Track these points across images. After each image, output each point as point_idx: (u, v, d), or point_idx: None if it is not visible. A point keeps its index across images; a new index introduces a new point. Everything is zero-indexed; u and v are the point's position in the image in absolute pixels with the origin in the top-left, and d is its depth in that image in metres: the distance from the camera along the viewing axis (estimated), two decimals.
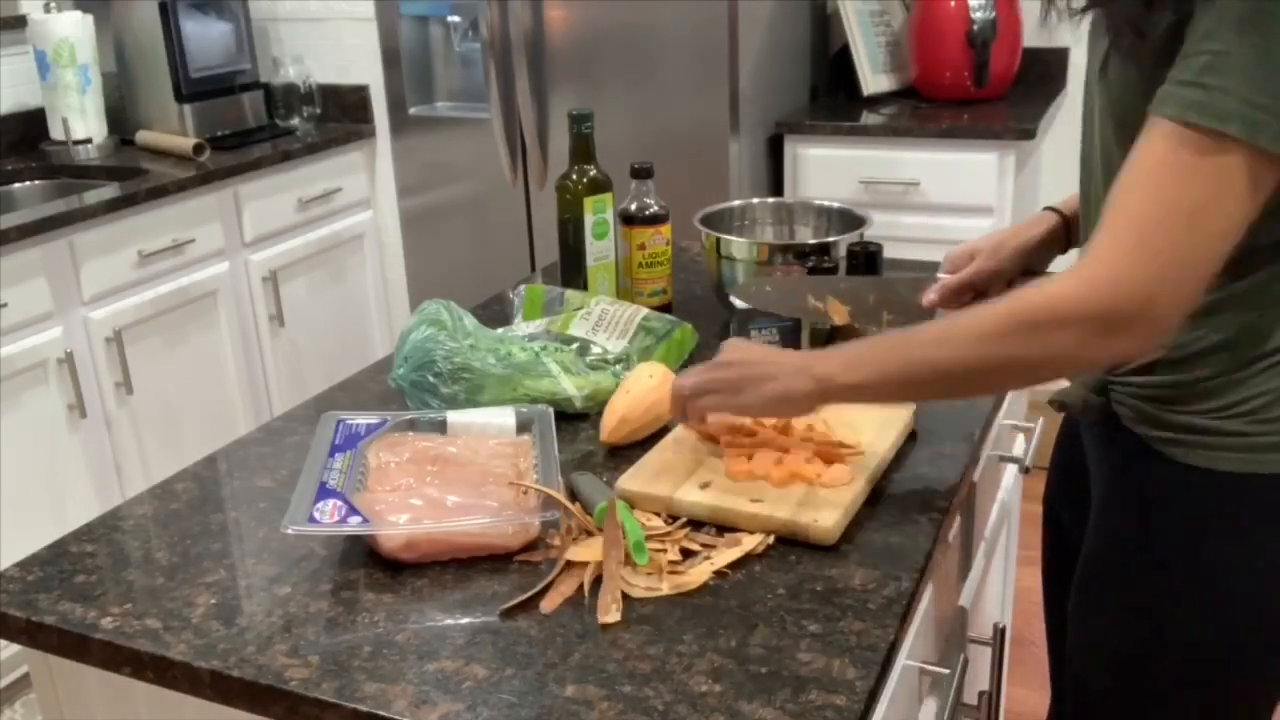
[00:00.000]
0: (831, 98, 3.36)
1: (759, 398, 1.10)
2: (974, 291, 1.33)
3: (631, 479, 1.15)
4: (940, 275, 1.36)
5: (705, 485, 1.13)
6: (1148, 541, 1.12)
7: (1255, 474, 1.05)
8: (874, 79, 3.20)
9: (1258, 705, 1.16)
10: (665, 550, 1.04)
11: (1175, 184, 0.91)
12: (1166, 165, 0.92)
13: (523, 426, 1.21)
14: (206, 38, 3.08)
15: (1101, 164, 1.10)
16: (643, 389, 1.26)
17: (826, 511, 1.07)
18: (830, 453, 1.16)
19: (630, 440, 1.25)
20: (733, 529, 1.09)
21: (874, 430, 1.22)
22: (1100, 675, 1.20)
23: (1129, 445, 1.13)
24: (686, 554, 1.05)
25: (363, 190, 3.34)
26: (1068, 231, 1.33)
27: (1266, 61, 0.88)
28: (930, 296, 1.33)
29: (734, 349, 1.16)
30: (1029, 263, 1.33)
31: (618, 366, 1.40)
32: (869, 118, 3.03)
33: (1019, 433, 1.60)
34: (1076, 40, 2.90)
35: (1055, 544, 1.42)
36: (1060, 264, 1.36)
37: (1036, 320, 0.96)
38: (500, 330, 1.45)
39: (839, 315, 1.38)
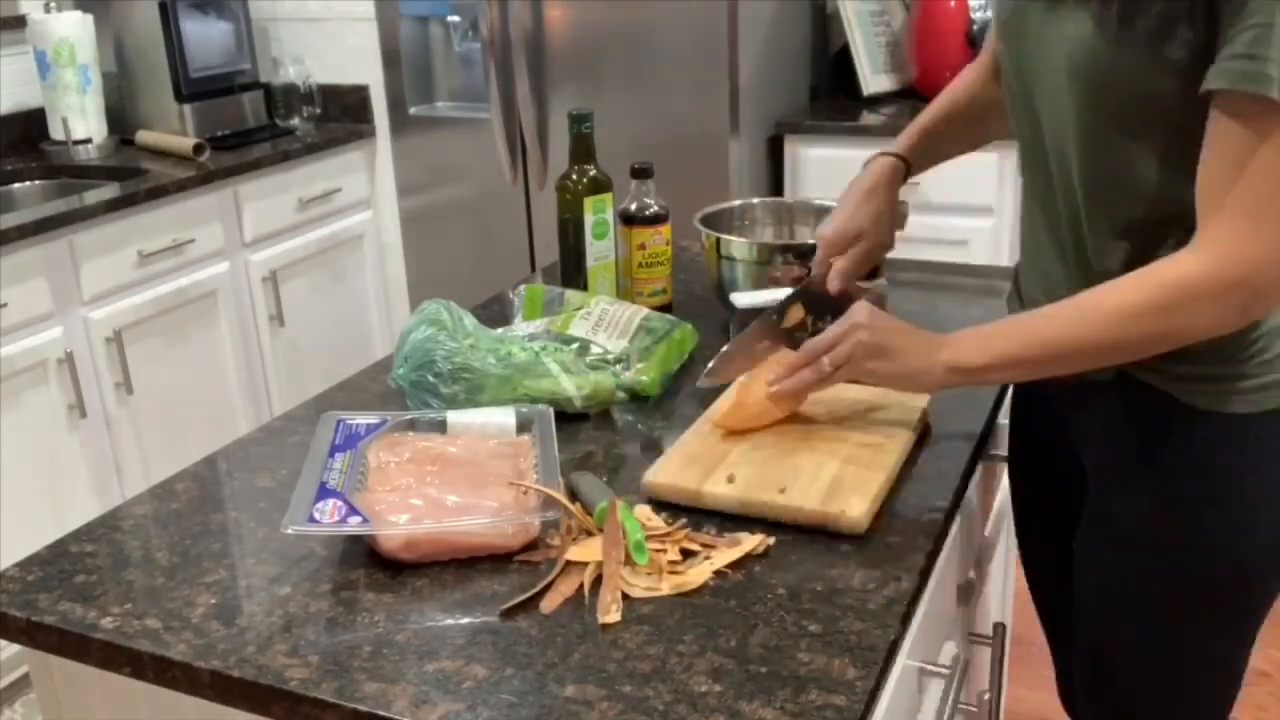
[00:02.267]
0: (831, 98, 3.36)
1: (888, 369, 1.17)
2: (869, 264, 1.40)
3: (658, 472, 1.15)
4: (827, 261, 1.38)
5: (730, 478, 1.13)
6: (1171, 487, 1.16)
7: (1261, 412, 1.11)
8: (874, 79, 3.20)
9: (1258, 624, 1.22)
10: (665, 550, 1.04)
11: (1270, 155, 0.97)
12: (1259, 139, 0.97)
13: (523, 426, 1.21)
14: (206, 38, 3.08)
15: (1066, 124, 1.13)
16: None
17: (855, 500, 1.08)
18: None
19: (746, 426, 1.24)
20: (761, 520, 1.09)
21: (888, 426, 1.23)
22: (1128, 622, 1.24)
23: (1139, 398, 1.16)
24: (686, 554, 1.05)
25: (363, 190, 3.34)
26: (907, 168, 1.43)
27: None
28: (836, 284, 1.37)
29: (867, 314, 1.19)
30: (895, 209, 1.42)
31: (618, 366, 1.40)
32: (869, 118, 3.03)
33: None
34: None
35: (1031, 509, 1.45)
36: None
37: (1177, 300, 1.03)
38: (500, 330, 1.45)
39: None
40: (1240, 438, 1.13)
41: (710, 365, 1.36)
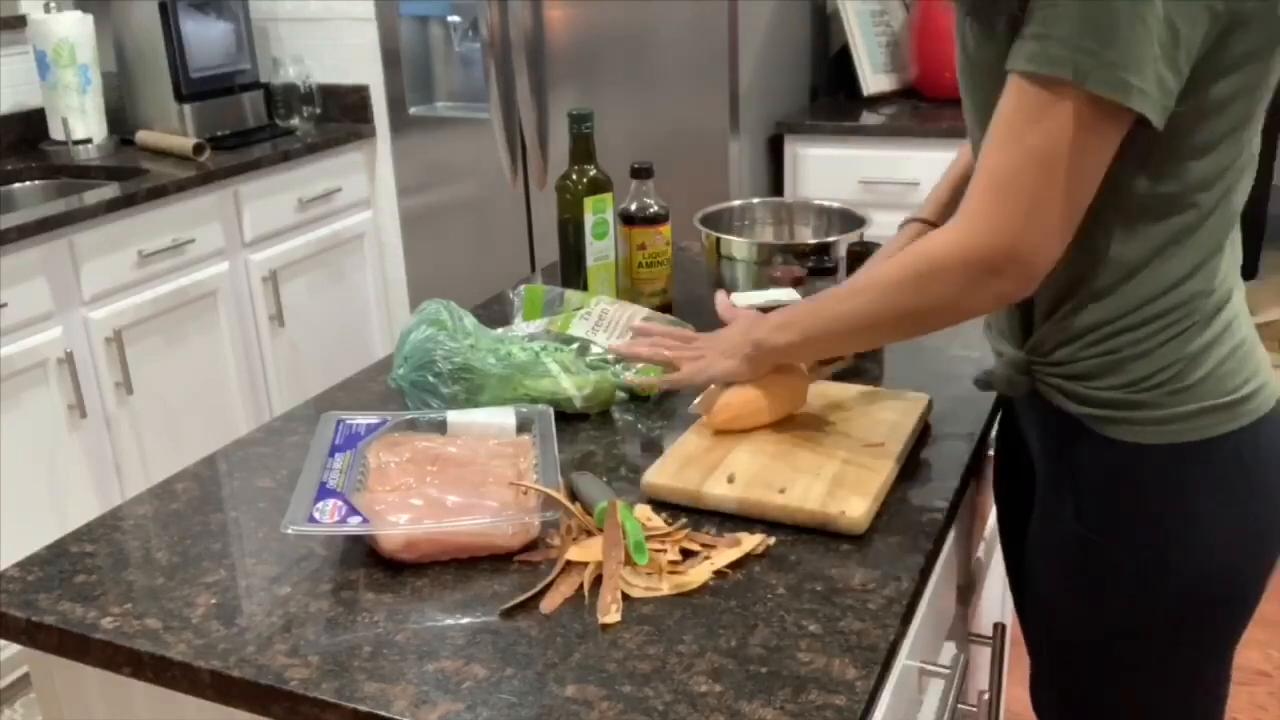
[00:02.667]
0: (831, 98, 3.36)
1: (704, 366, 1.25)
2: None
3: (657, 473, 1.15)
4: None
5: (730, 479, 1.13)
6: (1081, 515, 1.15)
7: (1175, 444, 1.08)
8: (874, 79, 3.20)
9: (1209, 659, 1.19)
10: (665, 550, 1.04)
11: (1026, 133, 0.98)
12: (1017, 115, 0.98)
13: (523, 426, 1.21)
14: (206, 38, 3.08)
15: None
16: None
17: (855, 500, 1.08)
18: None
19: (732, 427, 1.24)
20: (761, 520, 1.09)
21: (888, 426, 1.22)
22: (1058, 643, 1.24)
23: (1059, 423, 1.15)
24: (686, 554, 1.05)
25: (363, 190, 3.34)
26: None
27: (1090, 9, 0.93)
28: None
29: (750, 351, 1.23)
30: None
31: (618, 366, 1.40)
32: (869, 118, 3.03)
33: None
34: None
35: (1009, 518, 1.44)
36: None
37: (920, 271, 1.05)
38: (500, 330, 1.45)
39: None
40: (1153, 470, 1.10)
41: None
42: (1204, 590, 1.13)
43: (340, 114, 3.34)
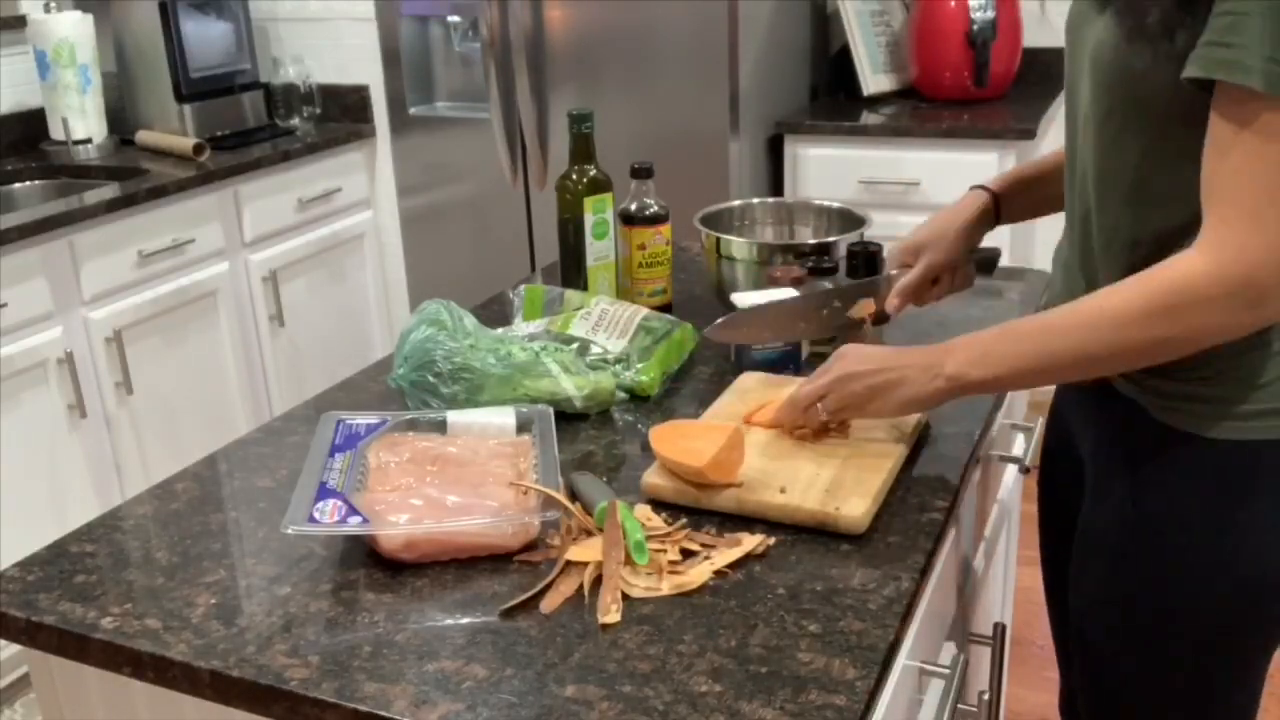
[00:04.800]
0: (831, 98, 3.36)
1: (890, 403, 1.15)
2: (930, 284, 1.40)
3: (658, 473, 1.15)
4: (891, 272, 1.42)
5: None
6: (1138, 503, 1.15)
7: (1243, 440, 1.08)
8: (874, 79, 3.20)
9: (1256, 658, 1.19)
10: (665, 550, 1.04)
11: (1257, 146, 0.94)
12: (1250, 134, 0.95)
13: (523, 426, 1.21)
14: (206, 38, 3.08)
15: (1082, 120, 1.14)
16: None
17: (855, 500, 1.08)
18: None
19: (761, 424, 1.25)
20: (761, 520, 1.09)
21: (888, 426, 1.22)
22: (1104, 636, 1.23)
23: (1121, 410, 1.15)
24: (686, 554, 1.05)
25: (363, 190, 3.34)
26: (997, 207, 1.40)
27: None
28: (894, 301, 1.39)
29: (853, 358, 1.17)
30: (970, 244, 1.41)
31: (617, 366, 1.40)
32: (869, 118, 3.03)
33: (1019, 433, 1.60)
34: None
35: (1051, 517, 1.44)
36: (990, 238, 1.43)
37: (1173, 303, 1.00)
38: (500, 330, 1.45)
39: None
40: (1218, 464, 1.09)
41: (729, 317, 1.36)
42: (1254, 591, 1.12)
43: (340, 114, 3.34)
